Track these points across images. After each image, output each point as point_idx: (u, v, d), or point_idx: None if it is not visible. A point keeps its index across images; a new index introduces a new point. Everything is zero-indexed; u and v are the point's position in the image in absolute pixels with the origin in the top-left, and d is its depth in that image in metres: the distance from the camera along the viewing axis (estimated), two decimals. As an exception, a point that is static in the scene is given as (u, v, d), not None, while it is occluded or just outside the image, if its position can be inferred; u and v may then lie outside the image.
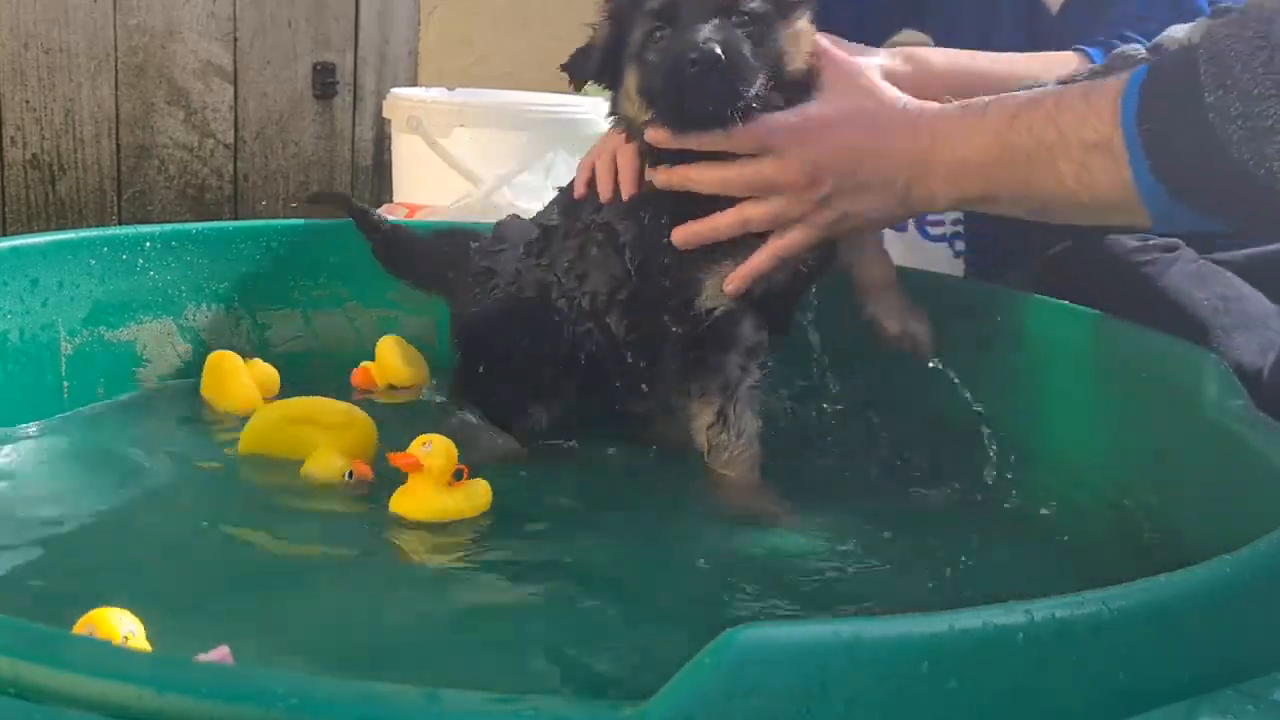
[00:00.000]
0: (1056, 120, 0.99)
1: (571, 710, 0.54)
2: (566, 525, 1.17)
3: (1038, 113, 1.00)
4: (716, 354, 1.21)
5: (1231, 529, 0.87)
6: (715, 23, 1.10)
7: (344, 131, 3.75)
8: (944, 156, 1.06)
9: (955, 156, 1.05)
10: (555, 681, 0.87)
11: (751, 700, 0.54)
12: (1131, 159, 0.93)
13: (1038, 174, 1.00)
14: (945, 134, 1.06)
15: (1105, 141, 0.95)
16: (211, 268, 1.51)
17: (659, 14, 1.13)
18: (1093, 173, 0.97)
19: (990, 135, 1.03)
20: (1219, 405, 1.04)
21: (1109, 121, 0.95)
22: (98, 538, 1.07)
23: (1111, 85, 0.97)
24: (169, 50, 3.51)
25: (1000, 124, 1.02)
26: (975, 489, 1.26)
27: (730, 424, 1.21)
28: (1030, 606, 0.60)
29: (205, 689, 0.54)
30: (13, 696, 0.55)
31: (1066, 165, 0.98)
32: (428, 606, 1.00)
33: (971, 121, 1.05)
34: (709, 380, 1.21)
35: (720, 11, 1.11)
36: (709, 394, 1.21)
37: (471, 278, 1.41)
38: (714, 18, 1.11)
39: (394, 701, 0.54)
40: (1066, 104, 0.99)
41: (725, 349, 1.21)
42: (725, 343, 1.21)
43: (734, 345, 1.21)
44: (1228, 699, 0.63)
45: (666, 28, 1.13)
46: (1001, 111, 1.04)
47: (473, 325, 1.39)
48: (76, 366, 1.39)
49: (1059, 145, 0.98)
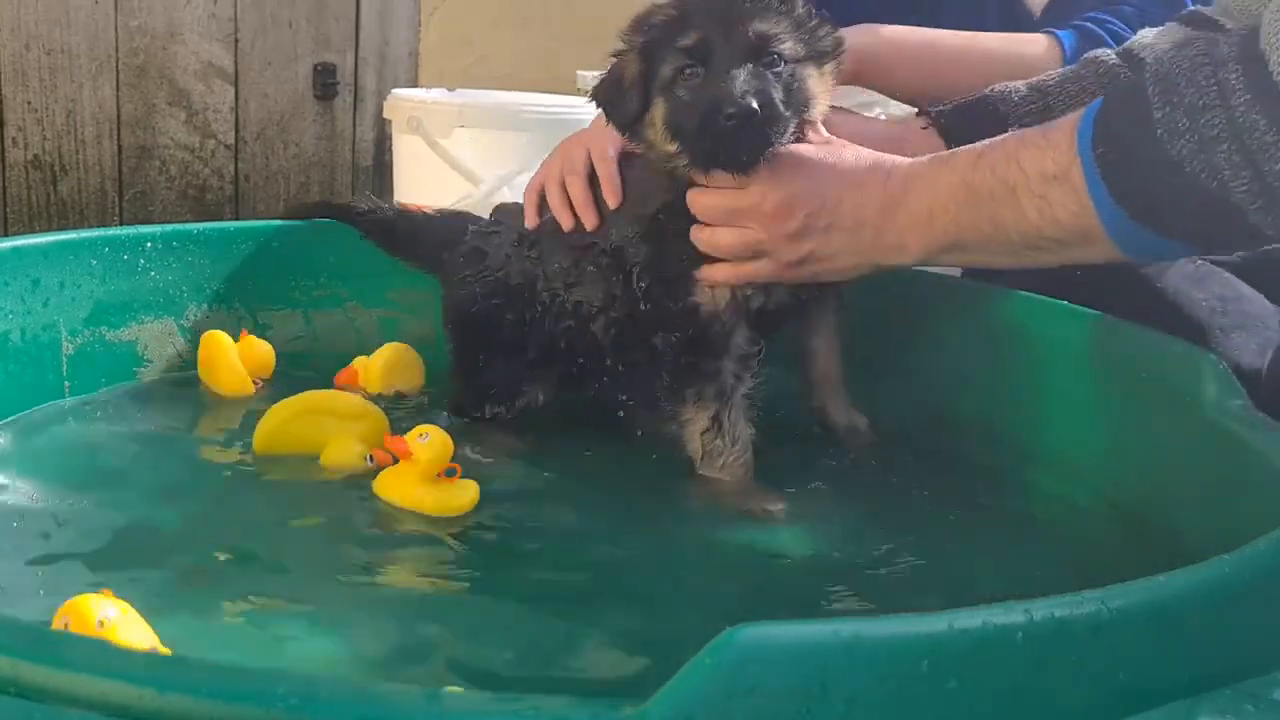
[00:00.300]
0: (1018, 157, 1.00)
1: (571, 710, 0.54)
2: (565, 524, 1.17)
3: (1000, 152, 1.02)
4: (710, 360, 1.22)
5: (1231, 529, 0.87)
6: (749, 70, 1.10)
7: (345, 132, 3.75)
8: (912, 204, 1.08)
9: (923, 203, 1.07)
10: (555, 681, 0.87)
11: (751, 700, 0.54)
12: (1090, 186, 0.95)
13: (1001, 212, 1.02)
14: (915, 179, 1.08)
15: (1064, 172, 0.97)
16: (212, 268, 1.51)
17: (691, 52, 1.13)
18: (1053, 205, 0.98)
19: (956, 177, 1.05)
20: (1218, 405, 1.04)
21: (1066, 152, 0.97)
22: (96, 537, 1.07)
23: (1069, 118, 0.99)
24: (170, 51, 3.51)
25: (965, 165, 1.05)
26: (975, 489, 1.26)
27: (725, 430, 1.21)
28: (1030, 606, 0.60)
29: (205, 688, 0.54)
30: (13, 696, 0.55)
31: (1028, 200, 1.00)
32: (427, 606, 1.00)
33: (939, 166, 1.07)
34: (704, 386, 1.21)
35: (752, 54, 1.11)
36: (704, 399, 1.22)
37: (462, 257, 1.42)
38: (747, 61, 1.11)
39: (394, 701, 0.55)
40: (1027, 140, 1.01)
41: (719, 356, 1.22)
42: (718, 350, 1.22)
43: (727, 353, 1.22)
44: (1227, 698, 0.63)
45: (698, 67, 1.13)
46: (968, 154, 1.06)
47: (461, 305, 1.41)
48: (78, 366, 1.39)
49: (1020, 182, 1.00)
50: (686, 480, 1.25)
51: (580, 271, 1.31)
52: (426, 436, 1.14)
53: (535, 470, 1.29)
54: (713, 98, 1.09)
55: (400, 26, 3.75)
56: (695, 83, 1.13)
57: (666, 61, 1.15)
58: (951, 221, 1.05)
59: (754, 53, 1.12)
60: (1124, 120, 0.94)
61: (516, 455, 1.33)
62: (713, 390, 1.21)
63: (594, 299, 1.30)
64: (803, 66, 1.15)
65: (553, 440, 1.38)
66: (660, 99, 1.17)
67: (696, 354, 1.22)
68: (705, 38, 1.12)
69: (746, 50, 1.11)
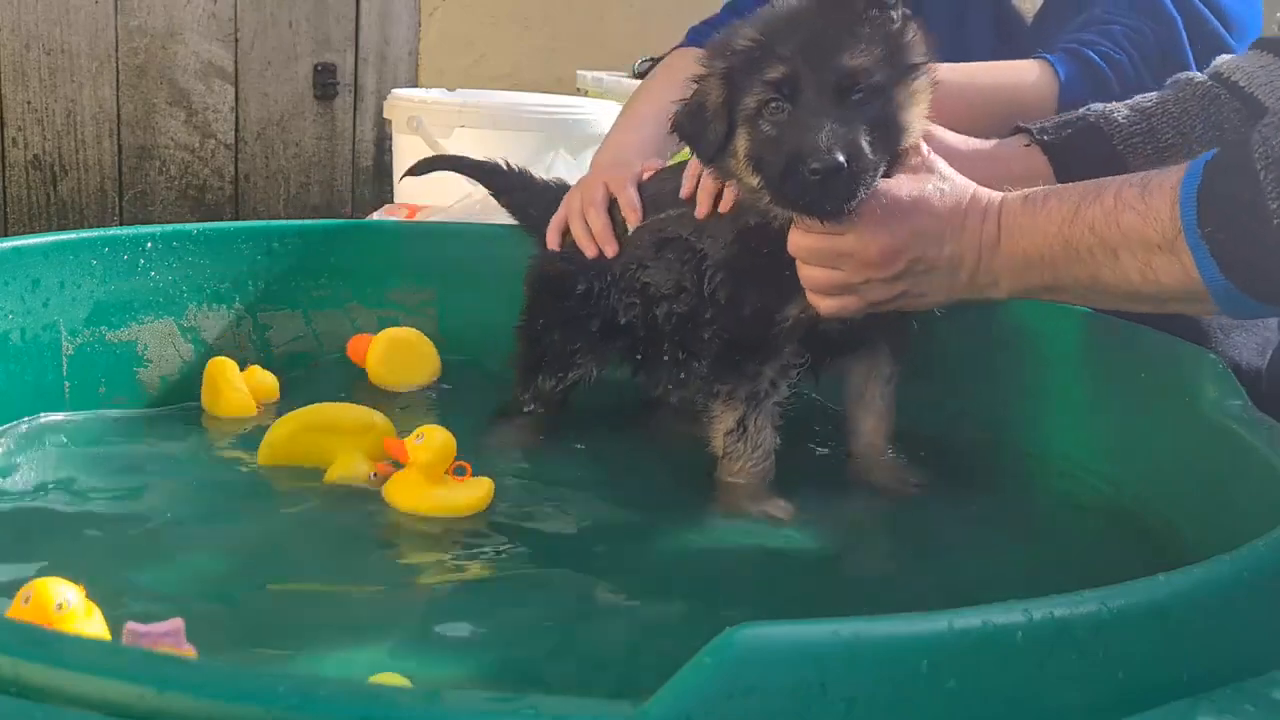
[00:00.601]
0: (1118, 219, 0.99)
1: (571, 710, 0.54)
2: (566, 523, 1.17)
3: (1097, 209, 1.00)
4: (753, 363, 1.21)
5: (1231, 529, 0.87)
6: (835, 115, 1.05)
7: (345, 132, 3.75)
8: (1008, 249, 1.06)
9: (1019, 250, 1.06)
10: (555, 681, 0.87)
11: (751, 699, 0.54)
12: (1198, 261, 0.94)
13: (1102, 270, 1.01)
14: (1010, 226, 1.06)
15: (1168, 244, 0.96)
16: (213, 268, 1.51)
17: (778, 87, 1.08)
18: (1158, 272, 0.98)
19: (1053, 229, 1.03)
20: (1219, 405, 1.04)
21: (1169, 224, 0.96)
22: (95, 537, 1.07)
23: (1168, 183, 0.97)
24: (170, 51, 3.51)
25: (1062, 219, 1.03)
26: (975, 489, 1.26)
27: (749, 435, 1.21)
28: (1029, 606, 0.60)
29: (205, 688, 0.54)
30: (13, 695, 0.55)
31: (1131, 263, 0.99)
32: (427, 605, 1.00)
33: (1035, 213, 1.05)
34: (738, 385, 1.21)
35: (841, 92, 1.07)
36: (735, 399, 1.21)
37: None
38: (835, 98, 1.06)
39: (394, 701, 0.55)
40: (1125, 201, 0.99)
41: (763, 360, 1.21)
42: (765, 355, 1.21)
43: (772, 359, 1.21)
44: (1226, 698, 0.63)
45: (784, 102, 1.08)
46: (1061, 205, 1.03)
47: (541, 266, 1.45)
48: (78, 366, 1.39)
49: (1122, 245, 0.99)
50: (692, 481, 1.25)
51: (657, 256, 1.32)
52: (422, 438, 1.13)
53: (542, 469, 1.30)
54: (797, 147, 1.04)
55: (400, 26, 3.75)
56: (781, 118, 1.08)
57: (751, 93, 1.10)
58: (1048, 271, 1.05)
59: (843, 90, 1.07)
60: (1233, 201, 0.93)
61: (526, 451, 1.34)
62: (745, 392, 1.21)
63: (663, 286, 1.32)
64: (895, 94, 1.09)
65: (563, 438, 1.38)
66: (744, 130, 1.12)
67: (741, 353, 1.21)
68: (792, 73, 1.08)
69: (835, 88, 1.07)
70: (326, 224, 1.63)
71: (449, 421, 1.39)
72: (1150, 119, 1.24)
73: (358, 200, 3.81)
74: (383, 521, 1.13)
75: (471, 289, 1.62)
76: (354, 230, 1.68)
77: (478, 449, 1.25)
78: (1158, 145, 1.23)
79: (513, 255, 1.64)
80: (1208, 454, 1.04)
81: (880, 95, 1.08)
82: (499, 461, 1.28)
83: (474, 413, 1.45)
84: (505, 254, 1.64)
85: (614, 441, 1.38)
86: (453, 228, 1.83)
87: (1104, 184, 1.02)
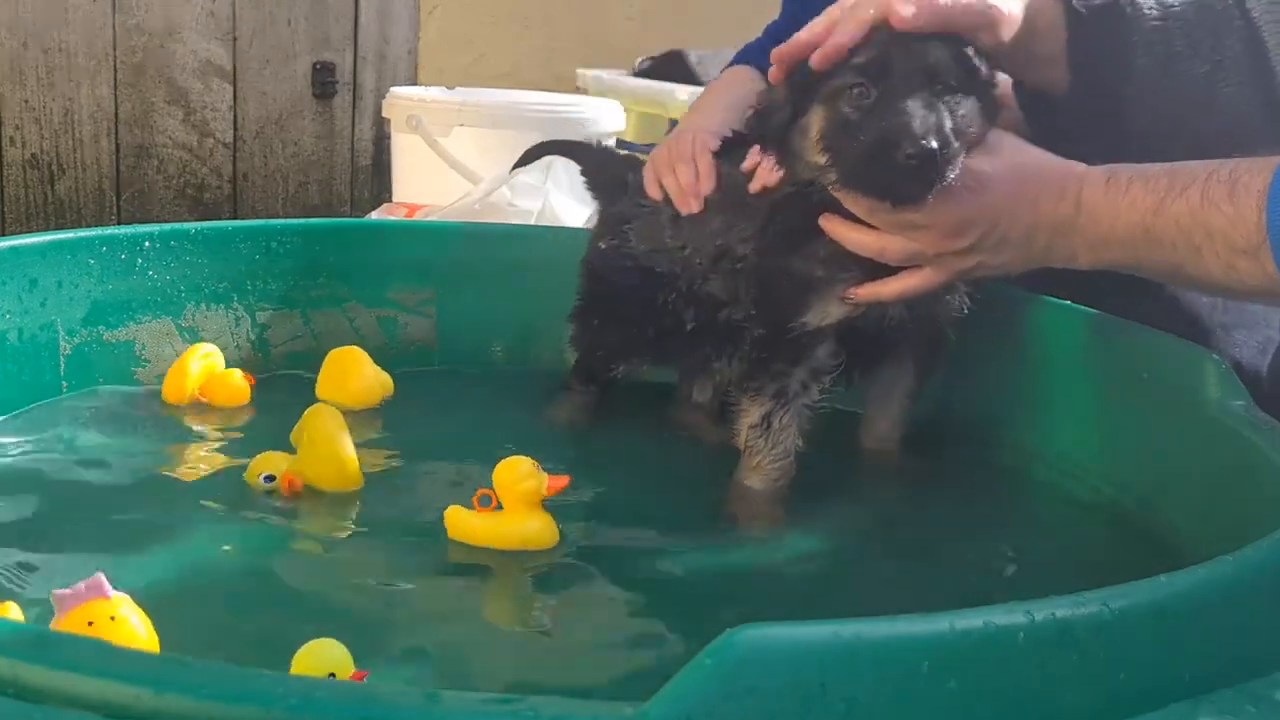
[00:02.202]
0: (1204, 219, 0.99)
1: (571, 710, 0.54)
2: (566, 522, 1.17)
3: (1183, 204, 1.00)
4: (783, 364, 1.21)
5: (1233, 529, 0.87)
6: (924, 100, 1.05)
7: (343, 131, 3.75)
8: (1088, 229, 1.06)
9: (1099, 231, 1.05)
10: (555, 681, 0.87)
11: (751, 700, 0.54)
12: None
13: (1185, 262, 1.01)
14: (1090, 207, 1.06)
15: (1253, 249, 0.96)
16: (211, 267, 1.50)
17: (865, 70, 1.07)
18: (1241, 273, 0.98)
19: (1136, 218, 1.03)
20: (1220, 405, 1.04)
21: (1255, 230, 0.95)
22: (94, 538, 1.07)
23: (1256, 186, 0.96)
24: (168, 50, 3.51)
25: (1146, 209, 1.02)
26: (975, 489, 1.26)
27: (772, 431, 1.21)
28: (1030, 606, 0.60)
29: (204, 689, 0.54)
30: (11, 697, 0.55)
31: (1214, 261, 0.99)
32: (426, 605, 1.00)
33: (1117, 199, 1.04)
34: (767, 383, 1.22)
35: (928, 80, 1.06)
36: (762, 395, 1.22)
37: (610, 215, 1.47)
38: (923, 87, 1.05)
39: (394, 701, 0.54)
40: (1212, 201, 0.98)
41: (794, 362, 1.21)
42: (795, 357, 1.21)
43: (803, 360, 1.21)
44: (1228, 699, 0.63)
45: (871, 86, 1.07)
46: (1146, 194, 1.03)
47: (600, 260, 1.45)
48: (75, 366, 1.39)
49: (1206, 244, 0.99)
50: (705, 484, 1.25)
51: (716, 268, 1.33)
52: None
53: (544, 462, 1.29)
54: (889, 130, 1.04)
55: (399, 25, 3.75)
56: (865, 103, 1.07)
57: (836, 77, 1.09)
58: (1129, 253, 1.05)
59: (930, 79, 1.06)
60: None
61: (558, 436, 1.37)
62: (773, 389, 1.21)
63: (721, 294, 1.32)
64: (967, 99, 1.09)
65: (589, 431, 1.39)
66: (821, 109, 1.11)
67: (773, 352, 1.22)
68: (884, 55, 1.07)
69: (924, 75, 1.06)
70: (325, 223, 1.63)
71: (450, 421, 1.39)
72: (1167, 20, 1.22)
73: (356, 199, 3.82)
74: (378, 521, 1.13)
75: (471, 289, 1.62)
76: (353, 229, 1.68)
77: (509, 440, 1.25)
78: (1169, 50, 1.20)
79: (513, 255, 1.64)
80: (1210, 454, 1.04)
81: (962, 90, 1.08)
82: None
83: (474, 413, 1.45)
84: (505, 254, 1.64)
85: (636, 439, 1.38)
86: (452, 227, 1.83)
87: (1191, 175, 1.01)
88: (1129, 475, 1.18)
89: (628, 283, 1.40)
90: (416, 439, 1.34)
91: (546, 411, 1.45)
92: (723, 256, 1.32)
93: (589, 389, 1.46)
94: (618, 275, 1.42)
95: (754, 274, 1.25)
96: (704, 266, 1.33)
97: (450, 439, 1.36)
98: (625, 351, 1.43)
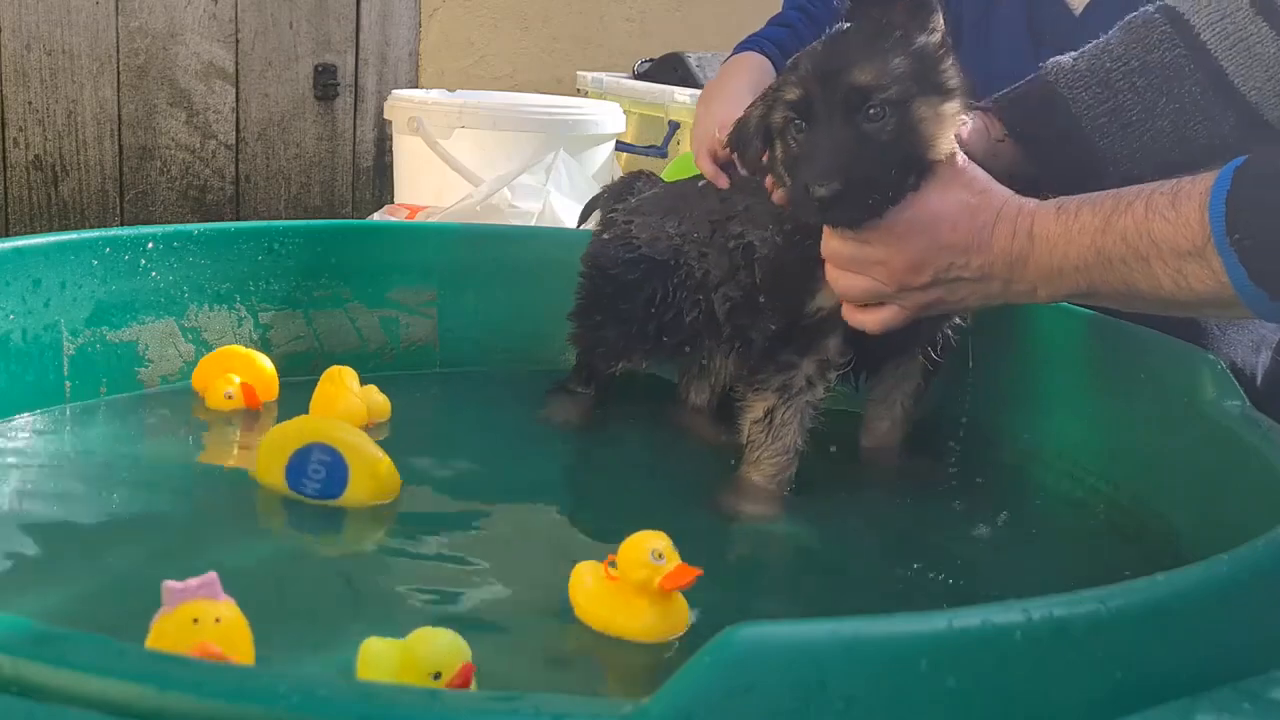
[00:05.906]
0: (1149, 229, 1.00)
1: (571, 708, 0.54)
2: (567, 522, 1.17)
3: (1129, 218, 1.01)
4: (793, 354, 1.22)
5: (1229, 528, 0.87)
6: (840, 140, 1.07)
7: (345, 133, 3.76)
8: (1041, 260, 1.07)
9: (1053, 260, 1.07)
10: (555, 681, 0.87)
11: (751, 698, 0.55)
12: (1228, 268, 0.95)
13: (1135, 278, 1.02)
14: (1042, 238, 1.07)
15: (1198, 251, 0.97)
16: (213, 268, 1.51)
17: (793, 107, 1.11)
18: (1189, 278, 0.99)
19: (1086, 240, 1.04)
20: (1217, 405, 1.04)
21: (1199, 232, 0.96)
22: (94, 539, 1.07)
23: (1197, 190, 0.98)
24: (171, 52, 3.51)
25: (1095, 229, 1.04)
26: (975, 488, 1.26)
27: (774, 426, 1.22)
28: (1028, 605, 0.60)
29: (206, 687, 0.54)
30: (14, 695, 0.55)
31: (1162, 270, 1.00)
32: (426, 604, 1.00)
33: (1067, 225, 1.06)
34: (772, 377, 1.22)
35: (851, 109, 1.08)
36: (766, 389, 1.22)
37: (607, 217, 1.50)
38: (846, 117, 1.07)
39: (394, 701, 0.55)
40: (1156, 210, 1.00)
41: (801, 354, 1.22)
42: (803, 349, 1.22)
43: (813, 351, 1.22)
44: (1225, 697, 0.63)
45: (801, 120, 1.11)
46: (1094, 215, 1.04)
47: (600, 257, 1.46)
48: (79, 367, 1.39)
49: (1153, 253, 1.00)
50: (699, 478, 1.25)
51: (713, 242, 1.34)
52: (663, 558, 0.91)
53: (544, 459, 1.30)
54: (803, 173, 1.08)
55: (401, 27, 3.75)
56: (800, 137, 1.11)
57: (775, 110, 1.14)
58: (1083, 279, 1.06)
59: (852, 108, 1.08)
60: (1259, 205, 0.94)
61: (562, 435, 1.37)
62: (777, 383, 1.22)
63: (719, 269, 1.33)
64: (919, 106, 1.09)
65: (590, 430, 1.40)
66: (778, 142, 1.16)
67: (784, 341, 1.22)
68: (805, 94, 1.10)
69: (845, 106, 1.08)
70: (327, 224, 1.63)
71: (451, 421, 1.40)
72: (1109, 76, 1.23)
73: (358, 201, 3.82)
74: (379, 518, 1.13)
75: (472, 289, 1.62)
76: (355, 230, 1.68)
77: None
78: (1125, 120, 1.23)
79: (514, 256, 1.65)
80: (1207, 454, 1.04)
81: (899, 109, 1.08)
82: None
83: (475, 413, 1.46)
84: (506, 255, 1.65)
85: (635, 439, 1.38)
86: (453, 228, 1.83)
87: (1136, 192, 1.03)
88: (1126, 475, 1.18)
89: (629, 276, 1.41)
90: (417, 439, 1.35)
91: (546, 411, 1.45)
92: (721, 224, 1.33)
93: (588, 389, 1.47)
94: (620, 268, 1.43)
95: (767, 261, 1.26)
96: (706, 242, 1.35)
97: (451, 439, 1.37)
98: (626, 349, 1.43)
